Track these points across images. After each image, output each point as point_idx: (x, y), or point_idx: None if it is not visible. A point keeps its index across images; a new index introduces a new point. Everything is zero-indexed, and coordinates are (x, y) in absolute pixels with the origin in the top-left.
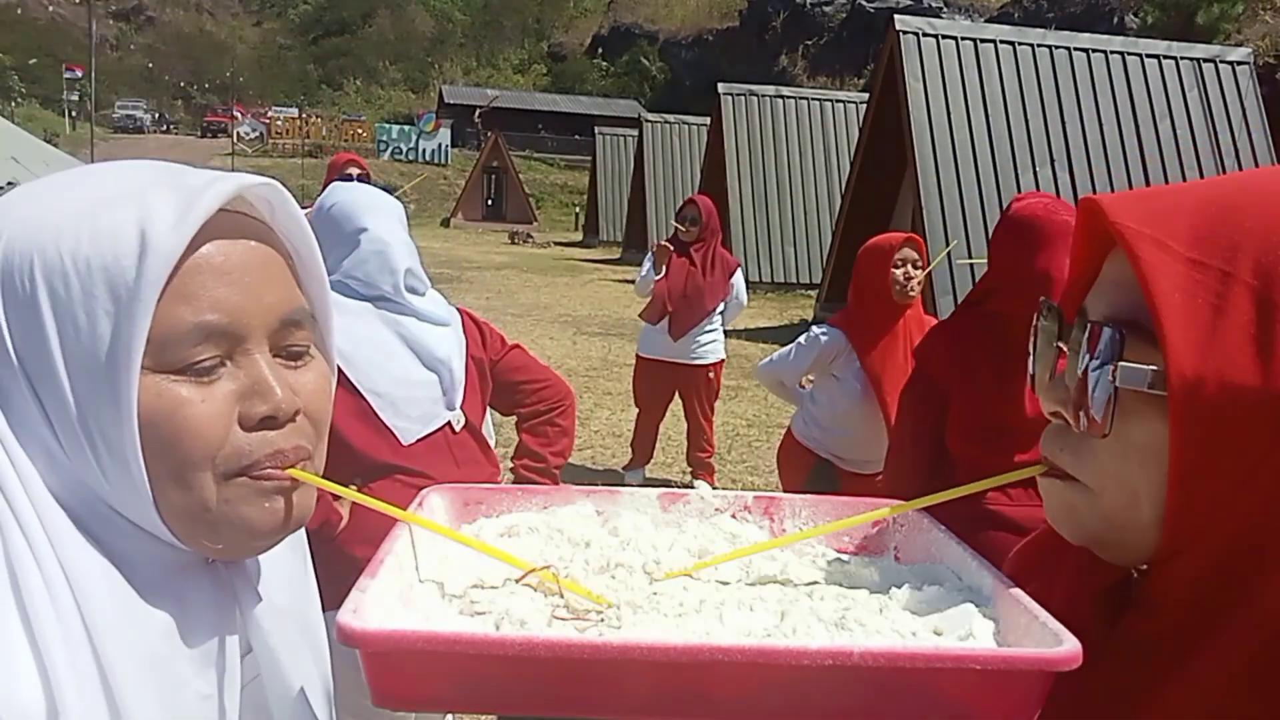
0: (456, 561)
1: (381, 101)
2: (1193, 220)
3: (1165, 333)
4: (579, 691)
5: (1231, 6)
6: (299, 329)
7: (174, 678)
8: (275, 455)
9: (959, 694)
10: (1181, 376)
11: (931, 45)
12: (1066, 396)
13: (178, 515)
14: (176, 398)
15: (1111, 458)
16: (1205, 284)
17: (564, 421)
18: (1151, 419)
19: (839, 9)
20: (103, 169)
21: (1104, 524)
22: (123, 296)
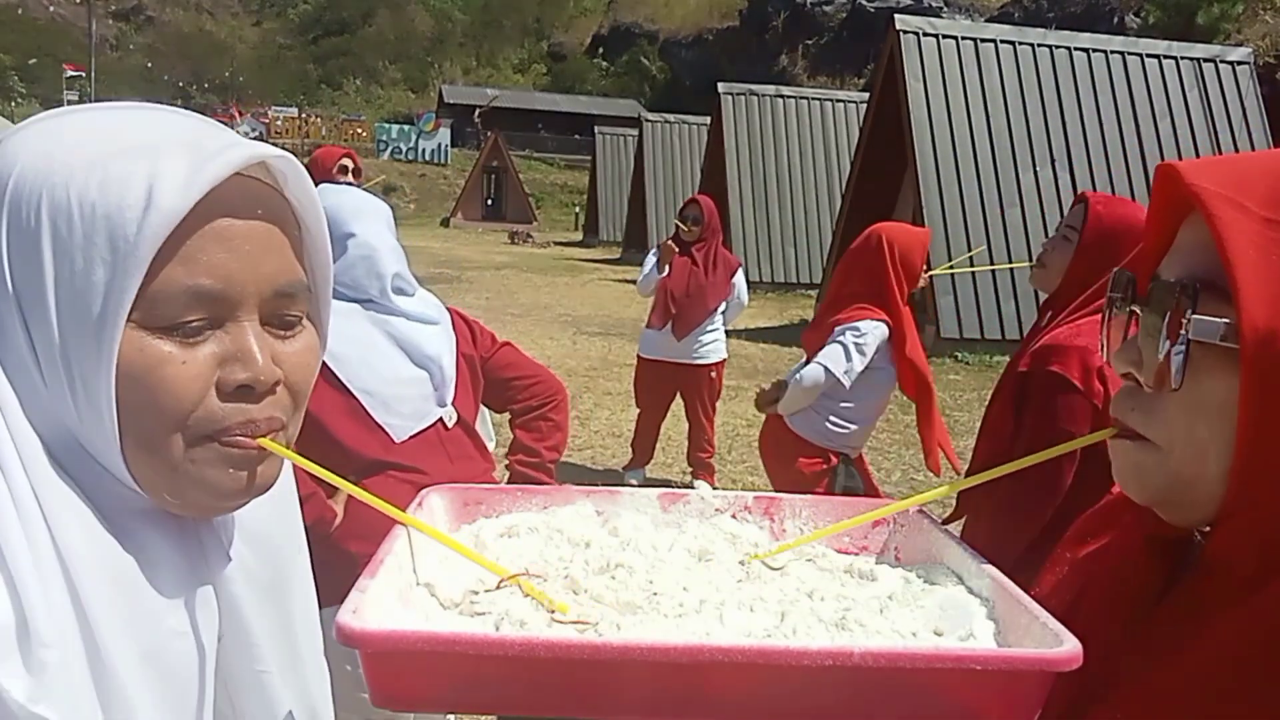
0: (456, 562)
1: (381, 101)
2: (1269, 182)
3: (1239, 286)
4: (579, 692)
5: (1231, 6)
6: (293, 301)
7: (144, 608)
8: (247, 424)
9: (959, 694)
10: (1254, 329)
11: (931, 45)
12: (1138, 358)
13: (142, 469)
14: (158, 354)
15: (1182, 413)
16: (1279, 241)
17: (557, 416)
18: (1222, 374)
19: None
20: (127, 113)
21: (1171, 481)
22: (120, 248)
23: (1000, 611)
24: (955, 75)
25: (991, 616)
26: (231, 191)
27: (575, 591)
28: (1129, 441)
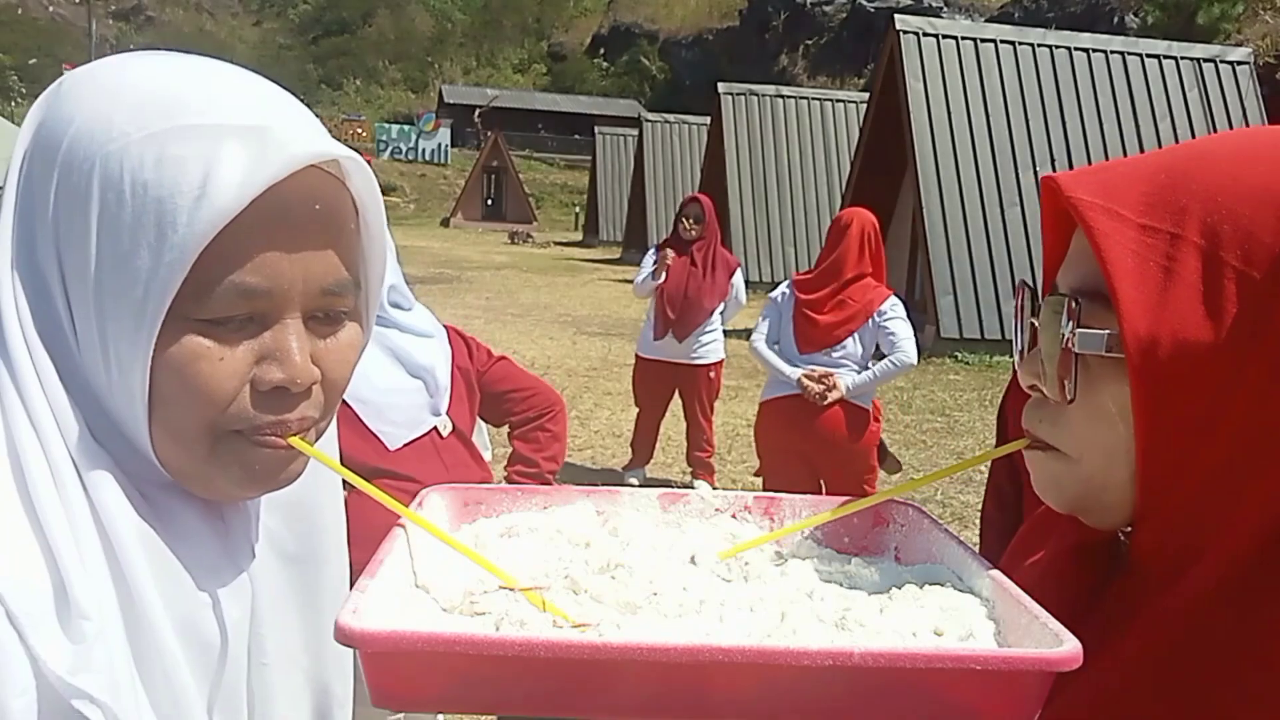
0: (457, 561)
1: (381, 101)
2: (1143, 188)
3: (1119, 296)
4: (579, 692)
5: (1231, 6)
6: (340, 298)
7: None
8: (278, 424)
9: (959, 694)
10: (1136, 337)
11: (931, 45)
12: (1040, 370)
13: (167, 453)
14: (196, 349)
15: (1083, 423)
16: (1156, 247)
17: (555, 427)
18: (1115, 381)
19: (839, 9)
20: (196, 74)
21: (1084, 488)
22: (169, 238)
23: (1000, 611)
24: (955, 75)
25: (991, 616)
26: (292, 184)
27: (575, 591)
28: (1041, 452)
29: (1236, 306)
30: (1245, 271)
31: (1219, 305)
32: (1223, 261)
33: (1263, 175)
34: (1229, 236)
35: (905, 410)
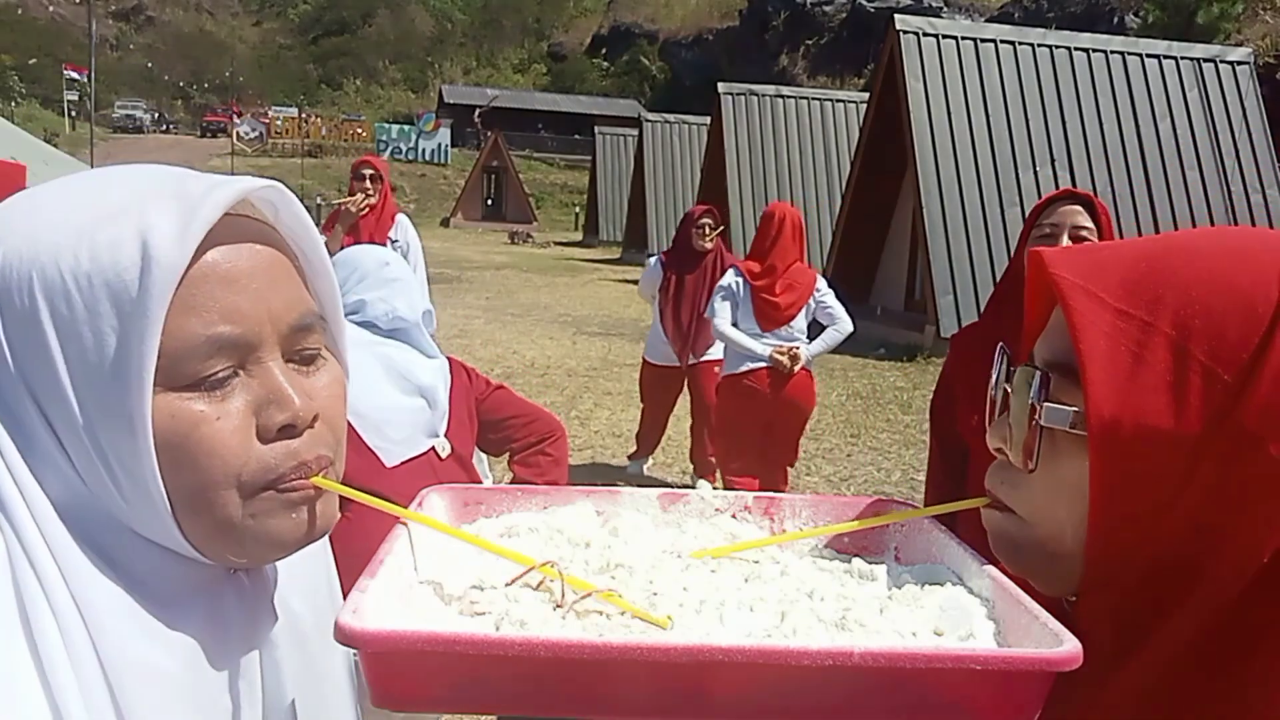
0: (457, 562)
1: (381, 101)
2: (1124, 274)
3: (1087, 376)
4: (579, 692)
5: (1231, 6)
6: (310, 333)
7: (195, 702)
8: (300, 466)
9: (960, 694)
10: (1100, 417)
11: (931, 45)
12: (1008, 434)
13: (201, 533)
14: (192, 416)
15: (1042, 492)
16: (1129, 332)
17: (555, 452)
18: (1077, 457)
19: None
20: (102, 178)
21: (1038, 553)
22: (129, 313)
23: (1000, 611)
24: (955, 75)
25: (991, 616)
26: (225, 232)
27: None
28: (998, 512)
29: (1200, 400)
30: (1210, 367)
31: (1183, 396)
32: (1190, 354)
33: (1238, 275)
34: (1199, 331)
35: (905, 410)
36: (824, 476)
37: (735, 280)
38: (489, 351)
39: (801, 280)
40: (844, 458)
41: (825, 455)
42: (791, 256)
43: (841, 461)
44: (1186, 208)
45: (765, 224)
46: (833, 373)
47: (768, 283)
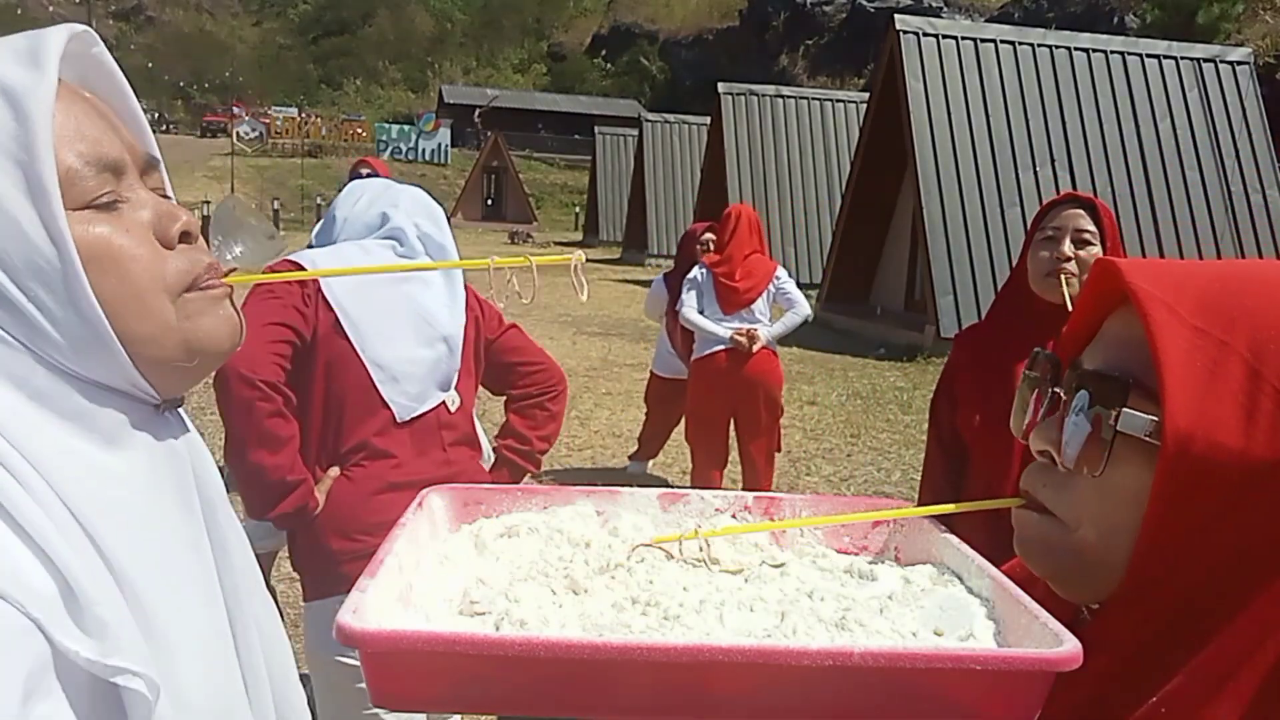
0: (457, 561)
1: (381, 101)
2: (1200, 292)
3: (1167, 387)
4: (579, 692)
5: (1231, 6)
6: (156, 170)
7: (160, 529)
8: (210, 267)
9: (960, 694)
10: (1176, 429)
11: (931, 45)
12: (1058, 438)
13: (143, 345)
14: (103, 231)
15: (1095, 497)
16: (1205, 350)
17: (554, 406)
18: (1138, 465)
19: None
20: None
21: (1073, 558)
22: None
23: (1000, 611)
24: (955, 75)
25: (991, 616)
26: (71, 74)
27: (575, 591)
28: (1035, 514)
29: (1269, 423)
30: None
31: (1254, 417)
32: (1263, 377)
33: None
34: (1273, 356)
35: (905, 410)
36: (824, 476)
37: (699, 272)
38: None
39: (760, 269)
40: (844, 458)
41: (825, 455)
42: (749, 247)
43: (841, 461)
44: (1186, 208)
45: (725, 221)
46: (833, 373)
47: (728, 270)
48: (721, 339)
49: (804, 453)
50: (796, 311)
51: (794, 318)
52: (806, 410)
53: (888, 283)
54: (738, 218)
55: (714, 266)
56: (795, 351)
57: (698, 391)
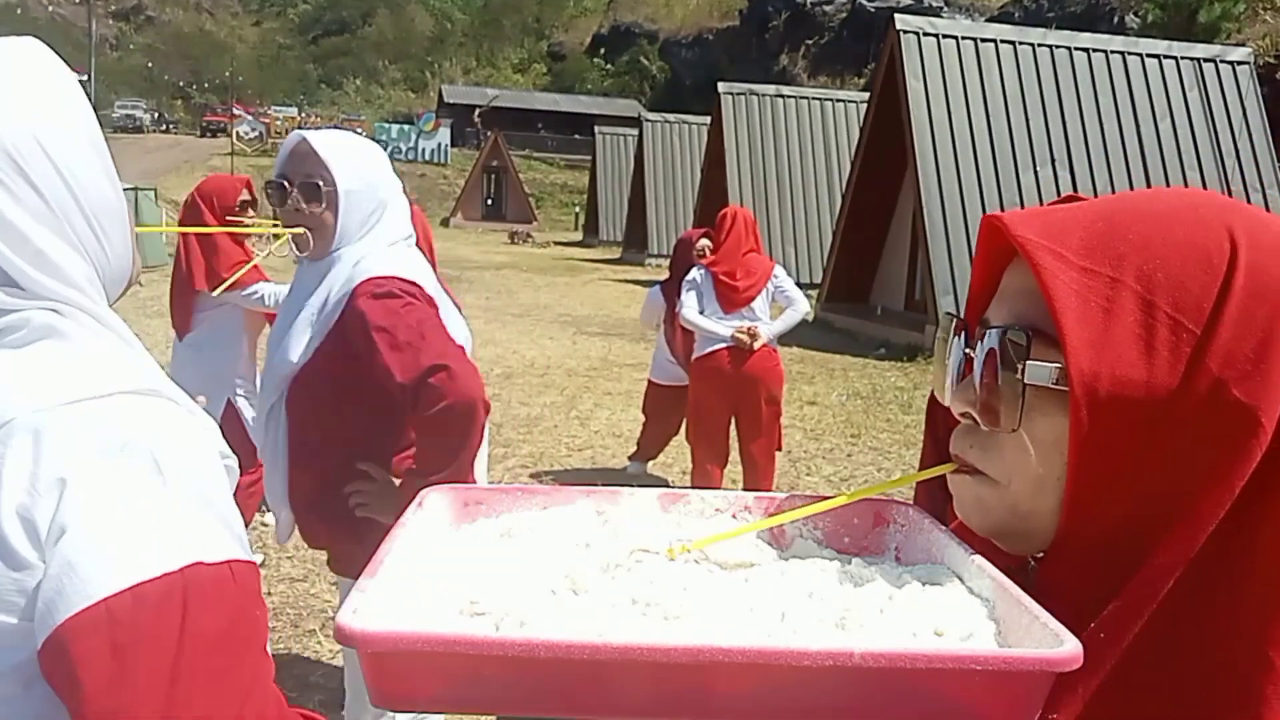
0: (457, 561)
1: (381, 101)
2: (1085, 233)
3: (1064, 333)
4: (579, 692)
5: (1232, 6)
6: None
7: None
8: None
9: (960, 695)
10: (1080, 372)
11: (932, 45)
12: (974, 397)
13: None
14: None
15: (1017, 451)
16: (1096, 289)
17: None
18: (1053, 414)
19: (839, 9)
20: None
21: (1010, 513)
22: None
23: (1000, 611)
24: (955, 75)
25: (992, 616)
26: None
27: (575, 591)
28: (969, 476)
29: (1168, 350)
30: (1176, 318)
31: (1152, 347)
32: (1156, 307)
33: (1192, 231)
34: (1162, 285)
35: (905, 410)
36: (824, 476)
37: (698, 273)
38: (489, 351)
39: (759, 267)
40: (844, 458)
41: (825, 455)
42: (746, 246)
43: (841, 461)
44: None
45: (721, 222)
46: (833, 373)
47: (727, 269)
48: (723, 337)
49: (804, 453)
50: (795, 309)
51: (793, 315)
52: (807, 410)
53: (888, 282)
54: (734, 218)
55: (712, 266)
56: (795, 351)
57: (698, 390)
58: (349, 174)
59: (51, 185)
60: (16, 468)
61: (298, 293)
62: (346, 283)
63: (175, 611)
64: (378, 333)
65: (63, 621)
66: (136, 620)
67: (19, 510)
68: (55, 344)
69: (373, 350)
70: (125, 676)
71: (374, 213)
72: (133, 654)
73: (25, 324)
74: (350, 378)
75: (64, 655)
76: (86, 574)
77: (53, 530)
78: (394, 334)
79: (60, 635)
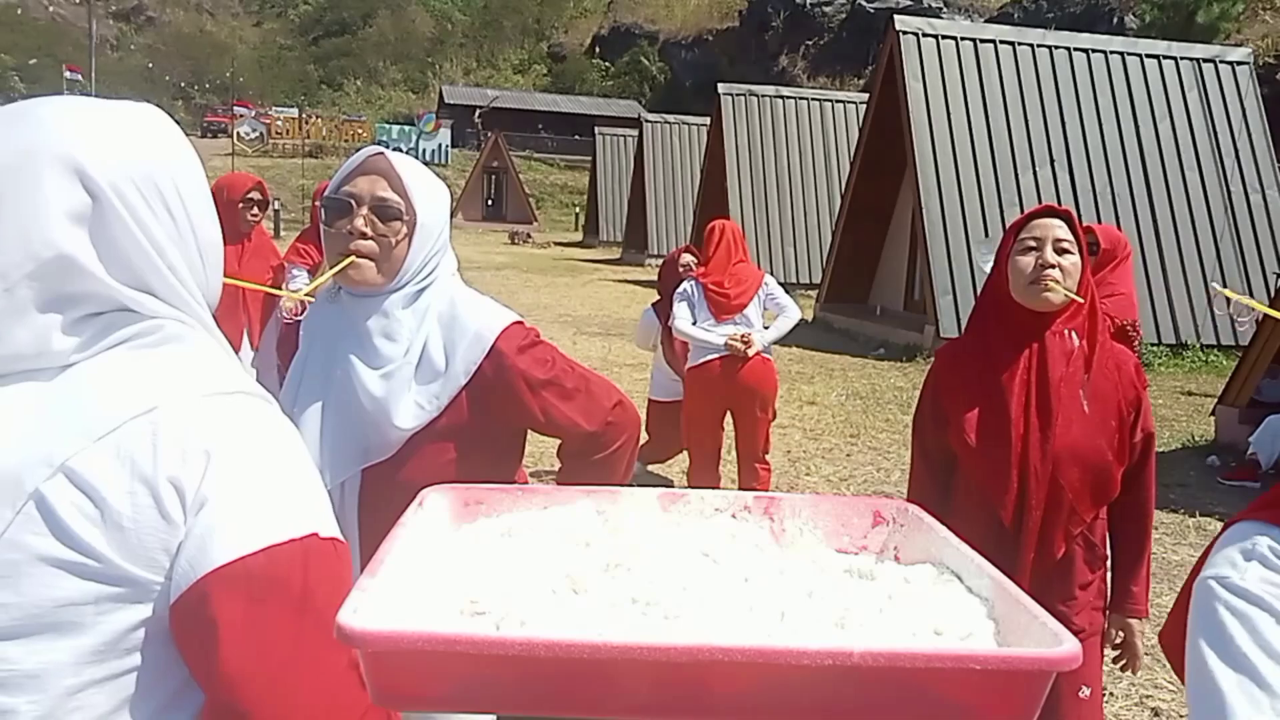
0: (457, 561)
1: (382, 102)
2: None
3: None
4: (579, 691)
5: (1231, 6)
6: None
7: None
8: None
9: (959, 694)
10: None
11: (931, 45)
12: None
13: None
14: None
15: None
16: None
17: None
18: None
19: (839, 9)
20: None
21: None
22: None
23: (1000, 611)
24: (955, 76)
25: (991, 616)
26: None
27: (575, 591)
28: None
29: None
30: None
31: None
32: None
33: None
34: None
35: (905, 410)
36: (824, 476)
37: (688, 285)
38: None
39: (749, 276)
40: (844, 458)
41: (825, 455)
42: (735, 256)
43: (841, 461)
44: (1186, 208)
45: (709, 235)
46: (832, 373)
47: (717, 279)
48: (716, 346)
49: (804, 453)
50: (788, 316)
51: (786, 322)
52: (806, 410)
53: (887, 283)
54: (721, 231)
55: (702, 277)
56: (795, 351)
57: (693, 397)
58: (426, 205)
59: (180, 216)
60: (169, 444)
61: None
62: (475, 338)
63: (299, 571)
64: (546, 389)
65: (204, 574)
66: (270, 575)
67: (170, 479)
68: (183, 348)
69: (546, 407)
70: (259, 623)
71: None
72: (265, 605)
73: (160, 329)
74: (478, 433)
75: (204, 605)
76: (227, 535)
77: (197, 498)
78: (561, 384)
79: (201, 586)
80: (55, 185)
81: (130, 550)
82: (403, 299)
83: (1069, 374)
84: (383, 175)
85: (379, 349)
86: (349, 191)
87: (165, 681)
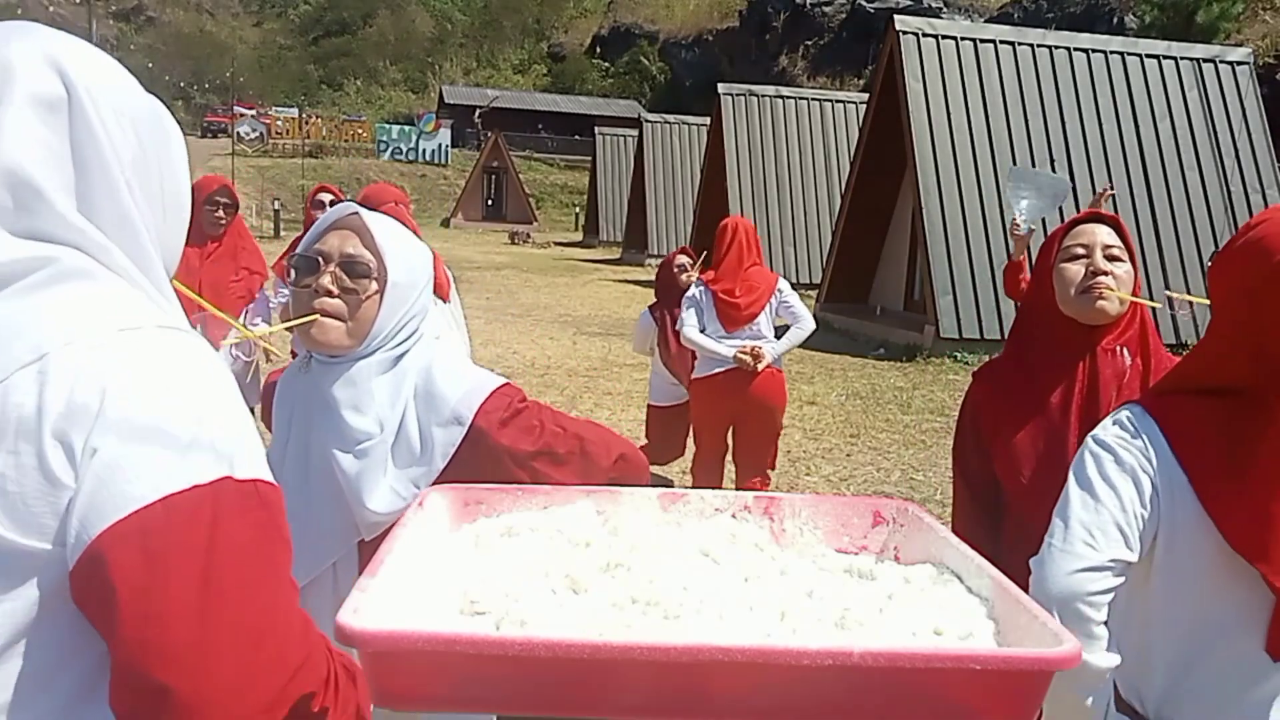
0: (457, 561)
1: (382, 102)
2: None
3: None
4: (579, 691)
5: (1231, 6)
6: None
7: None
8: None
9: (959, 693)
10: None
11: (931, 45)
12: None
13: None
14: None
15: None
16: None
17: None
18: None
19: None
20: None
21: None
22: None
23: (999, 611)
24: (955, 76)
25: (991, 616)
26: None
27: (575, 591)
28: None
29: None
30: None
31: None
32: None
33: None
34: None
35: (905, 410)
36: (824, 476)
37: (698, 290)
38: (489, 352)
39: (761, 282)
40: (844, 458)
41: (825, 455)
42: (748, 260)
43: (841, 461)
44: (1186, 208)
45: (720, 235)
46: (832, 373)
47: (728, 286)
48: (725, 358)
49: (804, 453)
50: (801, 326)
51: (798, 333)
52: (806, 410)
53: (887, 283)
54: (734, 230)
55: (712, 283)
56: (795, 351)
57: (700, 408)
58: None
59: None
60: (55, 396)
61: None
62: (452, 418)
63: (205, 522)
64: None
65: (97, 535)
66: (167, 529)
67: (55, 434)
68: (87, 286)
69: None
70: (158, 583)
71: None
72: (164, 562)
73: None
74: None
75: (99, 567)
76: (118, 489)
77: (85, 450)
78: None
79: (95, 548)
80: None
81: (16, 518)
82: (374, 366)
83: (1124, 397)
84: (355, 232)
85: (349, 422)
86: (318, 249)
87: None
